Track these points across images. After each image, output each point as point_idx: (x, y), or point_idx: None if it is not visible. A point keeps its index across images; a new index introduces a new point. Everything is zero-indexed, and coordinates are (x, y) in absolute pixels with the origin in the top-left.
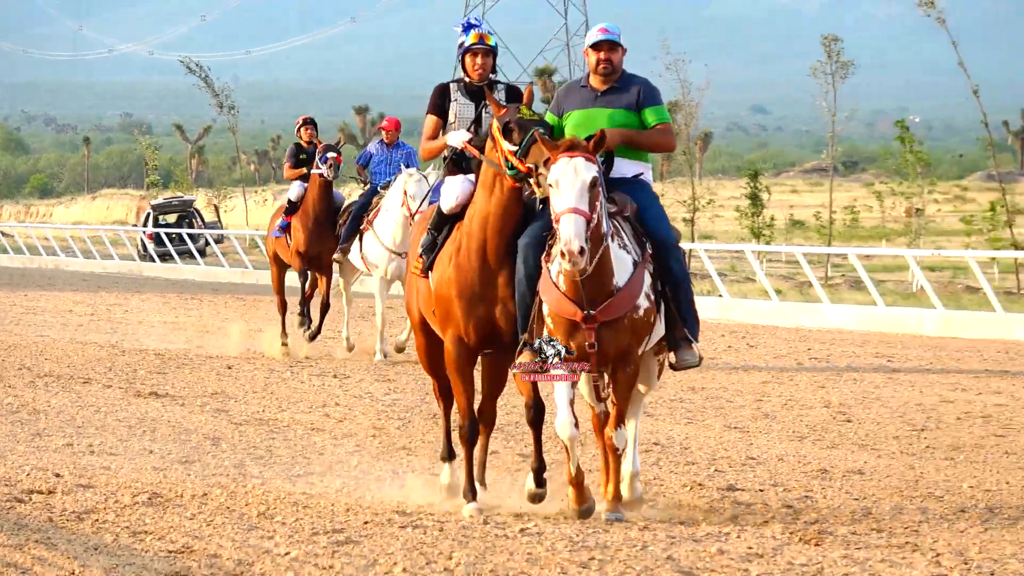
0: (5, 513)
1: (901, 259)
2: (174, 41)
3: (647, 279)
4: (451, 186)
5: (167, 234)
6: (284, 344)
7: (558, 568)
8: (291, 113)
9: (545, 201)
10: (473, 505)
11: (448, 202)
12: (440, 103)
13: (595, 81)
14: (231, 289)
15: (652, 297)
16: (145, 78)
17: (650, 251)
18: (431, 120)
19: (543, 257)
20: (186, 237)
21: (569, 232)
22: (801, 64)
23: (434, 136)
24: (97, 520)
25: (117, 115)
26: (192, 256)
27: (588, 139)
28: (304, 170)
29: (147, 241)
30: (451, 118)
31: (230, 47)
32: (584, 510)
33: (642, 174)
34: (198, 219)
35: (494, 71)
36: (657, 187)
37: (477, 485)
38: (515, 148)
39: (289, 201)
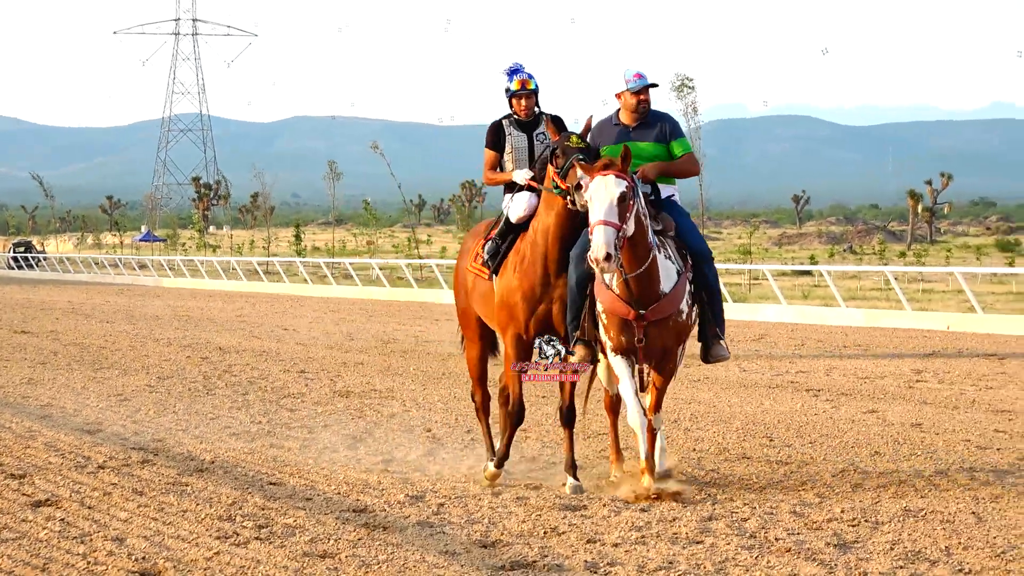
0: None
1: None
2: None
3: (688, 287)
4: (519, 199)
5: (23, 256)
6: None
7: (226, 447)
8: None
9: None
10: (493, 467)
11: (517, 212)
12: (496, 139)
13: (626, 118)
14: (54, 283)
15: (691, 303)
16: None
17: (690, 261)
18: (490, 154)
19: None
20: (30, 259)
21: (598, 241)
22: None
23: (494, 167)
24: None
25: None
26: (32, 267)
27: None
28: None
29: (11, 260)
30: (508, 148)
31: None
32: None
33: (673, 195)
34: (35, 248)
35: (537, 106)
36: None
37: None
38: (558, 170)
39: None
